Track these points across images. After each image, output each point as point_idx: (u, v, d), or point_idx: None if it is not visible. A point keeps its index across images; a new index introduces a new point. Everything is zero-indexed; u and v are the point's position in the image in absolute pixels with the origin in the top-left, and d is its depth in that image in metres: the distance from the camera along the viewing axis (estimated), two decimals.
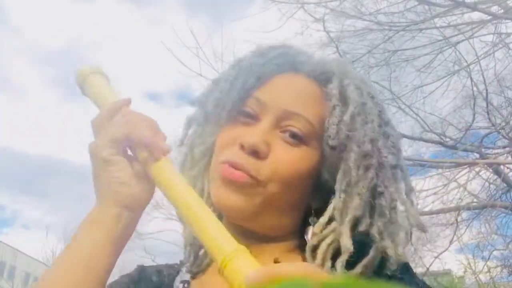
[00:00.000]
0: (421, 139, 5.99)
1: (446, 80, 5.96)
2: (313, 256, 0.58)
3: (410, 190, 0.63)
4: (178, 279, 0.68)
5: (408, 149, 6.04)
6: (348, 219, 0.58)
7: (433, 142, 5.98)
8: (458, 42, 5.14)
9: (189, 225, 0.54)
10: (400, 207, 0.61)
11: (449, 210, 5.88)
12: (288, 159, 0.60)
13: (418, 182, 6.01)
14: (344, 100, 0.62)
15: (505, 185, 5.80)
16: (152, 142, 0.56)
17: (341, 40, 5.46)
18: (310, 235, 0.63)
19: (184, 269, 0.69)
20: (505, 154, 5.79)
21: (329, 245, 0.58)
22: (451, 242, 6.24)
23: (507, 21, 4.87)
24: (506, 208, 5.87)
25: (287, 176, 0.60)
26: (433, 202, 5.82)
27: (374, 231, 0.58)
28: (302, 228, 0.67)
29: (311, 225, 0.64)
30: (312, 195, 0.65)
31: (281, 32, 5.55)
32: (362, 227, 0.58)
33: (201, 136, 0.68)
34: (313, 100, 0.63)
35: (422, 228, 0.61)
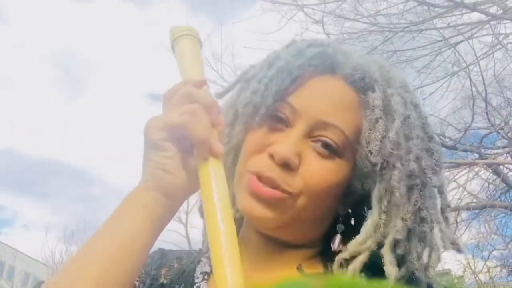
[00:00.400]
0: None
1: (446, 81, 5.96)
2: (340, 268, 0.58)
3: (445, 208, 0.60)
4: (198, 269, 0.67)
5: None
6: (389, 241, 0.56)
7: None
8: (458, 43, 5.14)
9: (208, 238, 0.53)
10: (436, 228, 0.59)
11: (449, 210, 5.87)
12: (320, 172, 0.57)
13: None
14: (388, 112, 0.57)
15: (504, 185, 5.80)
16: (204, 141, 0.53)
17: (341, 42, 5.45)
18: (337, 245, 0.61)
19: (204, 259, 0.68)
20: (505, 154, 5.79)
21: (362, 262, 0.56)
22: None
23: (506, 21, 4.87)
24: (505, 208, 5.88)
25: (318, 189, 0.58)
26: None
27: (412, 256, 0.57)
28: (326, 234, 0.65)
29: (337, 231, 0.63)
30: (340, 202, 0.63)
31: (281, 34, 5.55)
32: (400, 251, 0.56)
33: (228, 135, 0.64)
34: (350, 108, 0.59)
35: (458, 249, 0.60)
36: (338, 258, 0.58)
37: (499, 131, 5.92)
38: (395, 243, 0.56)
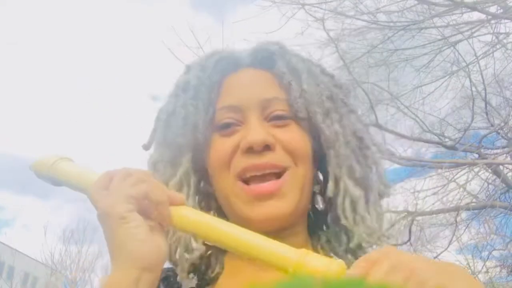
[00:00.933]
0: (420, 139, 5.98)
1: (445, 81, 5.96)
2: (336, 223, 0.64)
3: (365, 126, 0.68)
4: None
5: (407, 149, 6.05)
6: (345, 170, 0.63)
7: (432, 142, 5.98)
8: (457, 42, 5.13)
9: (241, 252, 0.53)
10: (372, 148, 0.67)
11: (448, 210, 5.88)
12: (292, 138, 0.62)
13: (418, 183, 6.02)
14: (295, 73, 0.65)
15: (504, 185, 5.80)
16: (166, 199, 0.54)
17: (341, 39, 5.45)
18: (322, 204, 0.68)
19: (190, 277, 0.66)
20: (504, 154, 5.79)
21: (343, 198, 0.62)
22: (450, 242, 6.24)
23: (506, 21, 4.87)
24: (505, 208, 5.87)
25: (302, 152, 0.63)
26: (432, 202, 5.82)
27: (364, 176, 0.64)
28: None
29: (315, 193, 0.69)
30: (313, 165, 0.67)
31: (281, 32, 5.54)
32: (356, 175, 0.63)
33: (169, 168, 0.66)
34: (271, 84, 0.65)
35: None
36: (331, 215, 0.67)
37: (499, 131, 5.92)
38: (351, 169, 0.64)
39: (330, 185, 0.64)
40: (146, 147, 0.72)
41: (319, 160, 0.68)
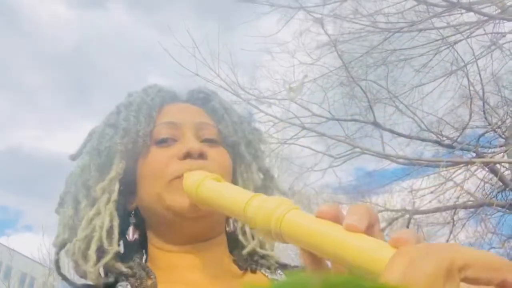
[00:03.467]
0: (418, 138, 6.02)
1: (444, 80, 6.00)
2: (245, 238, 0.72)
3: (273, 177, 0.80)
4: None
5: (405, 148, 6.09)
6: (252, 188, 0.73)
7: (430, 141, 6.02)
8: (456, 42, 5.17)
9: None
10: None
11: (445, 209, 5.91)
12: (220, 156, 0.71)
13: (415, 181, 6.06)
14: (226, 110, 0.77)
15: (501, 184, 5.83)
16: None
17: (339, 40, 5.48)
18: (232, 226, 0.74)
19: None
20: (501, 153, 5.83)
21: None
22: (447, 241, 6.27)
23: (504, 21, 4.91)
24: (502, 207, 5.91)
25: (226, 169, 0.70)
26: (430, 201, 5.86)
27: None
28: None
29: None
30: None
31: (281, 33, 5.57)
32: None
33: (97, 175, 0.69)
34: (204, 115, 0.75)
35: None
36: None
37: (496, 130, 5.96)
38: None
39: None
40: (73, 157, 0.77)
41: None
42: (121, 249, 0.70)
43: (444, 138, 6.08)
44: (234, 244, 0.73)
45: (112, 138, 0.69)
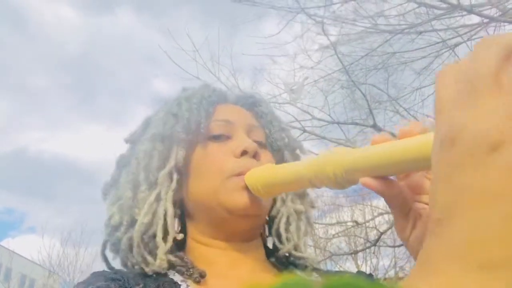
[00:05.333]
0: None
1: None
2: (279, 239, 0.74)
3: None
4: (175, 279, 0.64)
5: None
6: (290, 197, 0.77)
7: None
8: (456, 45, 5.16)
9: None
10: None
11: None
12: (268, 159, 0.73)
13: None
14: (273, 116, 0.80)
15: None
16: None
17: (340, 42, 5.46)
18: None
19: (170, 273, 0.66)
20: None
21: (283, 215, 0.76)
22: None
23: (504, 23, 4.89)
24: None
25: None
26: None
27: (302, 207, 0.77)
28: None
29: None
30: None
31: (282, 37, 5.56)
32: (296, 205, 0.77)
33: (159, 162, 0.69)
34: (252, 118, 0.78)
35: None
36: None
37: None
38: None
39: (277, 206, 0.75)
40: (128, 140, 0.77)
41: None
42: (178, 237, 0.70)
43: None
44: (268, 249, 0.76)
45: (174, 126, 0.70)
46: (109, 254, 0.72)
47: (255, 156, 0.69)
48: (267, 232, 0.78)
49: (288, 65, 6.16)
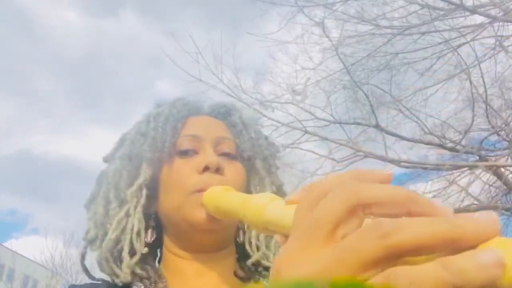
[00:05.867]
0: (421, 141, 5.99)
1: (447, 83, 5.97)
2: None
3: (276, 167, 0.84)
4: None
5: (408, 151, 6.05)
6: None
7: (433, 144, 5.98)
8: (459, 45, 5.14)
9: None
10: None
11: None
12: (236, 171, 0.75)
13: (419, 185, 6.03)
14: (245, 124, 0.81)
15: (505, 187, 5.80)
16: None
17: (342, 43, 5.46)
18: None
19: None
20: (505, 156, 5.80)
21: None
22: None
23: (507, 23, 4.88)
24: (507, 210, 5.88)
25: (241, 184, 0.75)
26: None
27: None
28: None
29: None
30: None
31: (281, 35, 5.56)
32: None
33: (127, 180, 0.74)
34: (224, 129, 0.80)
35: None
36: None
37: (500, 133, 5.93)
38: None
39: None
40: (105, 159, 0.81)
41: None
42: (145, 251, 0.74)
43: (448, 142, 6.04)
44: (243, 255, 0.77)
45: (142, 145, 0.74)
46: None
47: (218, 171, 0.71)
48: (242, 237, 0.79)
49: (291, 65, 6.16)
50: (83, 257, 0.79)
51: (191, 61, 5.52)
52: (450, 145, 5.89)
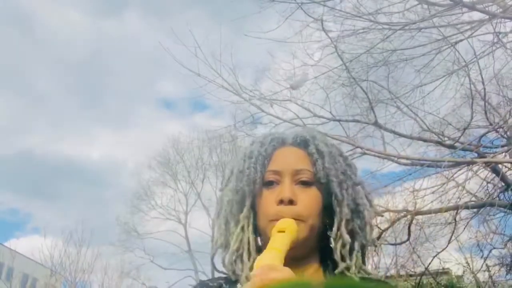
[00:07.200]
0: (419, 138, 6.00)
1: (445, 80, 5.97)
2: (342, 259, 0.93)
3: (368, 194, 0.99)
4: None
5: (406, 148, 6.06)
6: (343, 222, 0.94)
7: (431, 141, 5.99)
8: (457, 42, 5.15)
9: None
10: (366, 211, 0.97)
11: (447, 209, 5.89)
12: (309, 198, 0.92)
13: (417, 182, 6.04)
14: (320, 154, 0.96)
15: (503, 183, 5.81)
16: None
17: (340, 40, 5.46)
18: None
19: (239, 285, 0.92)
20: (503, 153, 5.81)
21: (338, 240, 0.94)
22: (449, 241, 6.25)
23: (506, 20, 4.89)
24: (504, 207, 5.89)
25: (314, 208, 0.92)
26: (432, 201, 5.83)
27: (355, 228, 0.95)
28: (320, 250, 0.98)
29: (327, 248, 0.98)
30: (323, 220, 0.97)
31: (280, 32, 5.55)
32: (350, 226, 0.94)
33: (238, 206, 0.98)
34: (303, 158, 0.96)
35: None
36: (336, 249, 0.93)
37: (498, 129, 5.94)
38: (347, 222, 0.94)
39: (334, 230, 0.94)
40: (221, 189, 1.06)
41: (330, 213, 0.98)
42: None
43: (446, 138, 6.05)
44: (326, 260, 0.96)
45: (242, 182, 0.96)
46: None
47: (291, 202, 0.90)
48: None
49: (289, 62, 6.15)
50: (213, 256, 1.01)
51: (191, 56, 5.51)
52: (448, 142, 5.89)
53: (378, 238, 6.58)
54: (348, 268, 0.91)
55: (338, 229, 0.93)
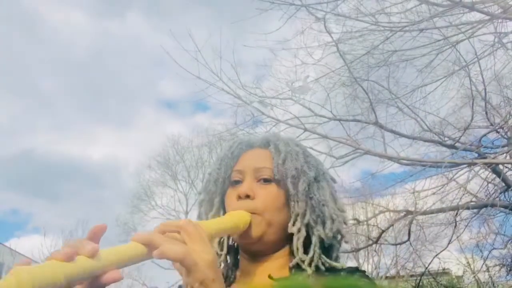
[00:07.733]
0: (420, 138, 6.00)
1: (446, 80, 5.97)
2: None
3: (333, 192, 1.02)
4: None
5: (407, 149, 6.06)
6: (299, 217, 0.97)
7: (432, 141, 5.99)
8: (458, 42, 5.15)
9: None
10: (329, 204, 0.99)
11: (448, 209, 5.89)
12: (266, 194, 0.97)
13: (418, 182, 6.04)
14: (277, 152, 1.01)
15: (504, 184, 5.81)
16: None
17: (342, 40, 5.45)
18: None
19: None
20: (504, 153, 5.80)
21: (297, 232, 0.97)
22: (450, 242, 6.26)
23: (506, 20, 4.88)
24: (505, 207, 5.89)
25: (271, 202, 0.96)
26: (433, 202, 5.83)
27: (310, 222, 0.97)
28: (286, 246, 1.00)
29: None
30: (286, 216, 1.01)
31: (281, 32, 5.55)
32: (305, 220, 0.96)
33: (208, 205, 1.05)
34: (265, 158, 1.02)
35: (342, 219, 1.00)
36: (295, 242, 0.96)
37: (499, 130, 5.94)
38: (303, 217, 0.97)
39: (289, 225, 0.97)
40: (199, 192, 1.10)
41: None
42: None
43: (446, 138, 6.05)
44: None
45: (211, 183, 1.04)
46: None
47: (248, 197, 0.96)
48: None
49: (290, 62, 6.15)
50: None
51: (191, 58, 5.50)
52: (449, 142, 5.90)
53: (379, 238, 6.58)
54: (303, 261, 0.92)
55: (294, 223, 0.97)
